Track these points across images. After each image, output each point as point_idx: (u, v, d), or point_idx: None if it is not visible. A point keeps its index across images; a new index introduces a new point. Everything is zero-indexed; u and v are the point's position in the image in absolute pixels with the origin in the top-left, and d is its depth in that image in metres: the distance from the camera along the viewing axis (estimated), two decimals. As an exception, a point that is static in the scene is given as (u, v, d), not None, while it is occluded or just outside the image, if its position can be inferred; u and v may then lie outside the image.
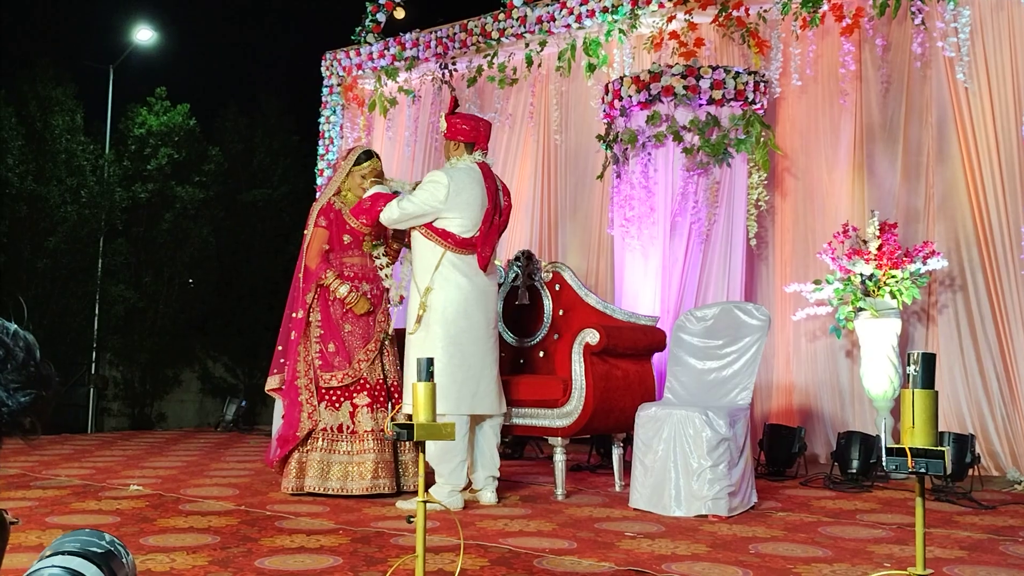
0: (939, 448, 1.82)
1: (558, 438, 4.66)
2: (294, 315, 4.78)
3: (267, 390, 4.89)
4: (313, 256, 4.76)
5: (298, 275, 4.83)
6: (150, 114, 11.94)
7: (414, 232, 4.54)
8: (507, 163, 7.89)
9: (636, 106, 6.11)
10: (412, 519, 2.58)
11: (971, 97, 5.95)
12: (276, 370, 4.82)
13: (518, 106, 7.97)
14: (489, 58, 7.82)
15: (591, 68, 7.19)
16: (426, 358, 2.62)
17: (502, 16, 7.67)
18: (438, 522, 3.87)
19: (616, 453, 5.00)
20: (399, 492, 4.59)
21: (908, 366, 1.88)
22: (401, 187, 4.87)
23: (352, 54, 8.69)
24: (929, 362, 1.86)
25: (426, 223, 4.44)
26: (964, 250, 5.96)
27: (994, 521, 4.11)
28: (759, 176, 6.14)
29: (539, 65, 7.69)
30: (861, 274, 5.66)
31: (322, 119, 8.94)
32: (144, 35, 12.61)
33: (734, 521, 4.03)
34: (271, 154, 12.85)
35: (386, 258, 4.89)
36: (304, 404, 4.63)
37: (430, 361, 2.61)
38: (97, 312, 11.43)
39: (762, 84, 6.13)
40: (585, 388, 4.59)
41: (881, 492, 4.88)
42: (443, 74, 8.08)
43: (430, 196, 4.40)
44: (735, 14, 6.47)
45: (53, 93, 11.13)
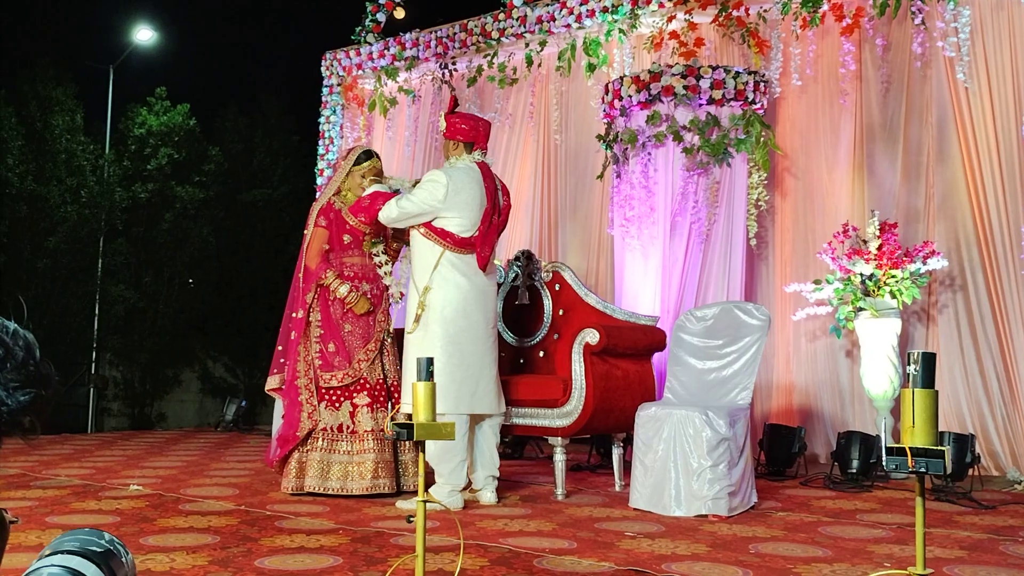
0: (939, 448, 1.82)
1: (558, 438, 4.66)
2: (294, 315, 4.78)
3: (267, 390, 4.89)
4: (313, 256, 4.76)
5: (298, 275, 4.83)
6: (150, 114, 11.95)
7: (413, 231, 4.53)
8: (507, 163, 7.89)
9: (636, 106, 6.11)
10: (412, 519, 2.58)
11: (971, 97, 5.95)
12: (276, 370, 4.82)
13: (518, 106, 7.97)
14: (489, 58, 7.82)
15: (591, 68, 7.19)
16: (426, 358, 2.62)
17: (502, 16, 7.67)
18: (438, 522, 3.87)
19: (616, 453, 5.00)
20: (399, 492, 4.59)
21: (908, 365, 1.88)
22: (400, 184, 4.88)
23: (352, 54, 8.69)
24: (929, 361, 1.86)
25: (425, 222, 4.44)
26: (964, 250, 5.96)
27: (994, 521, 4.10)
28: (759, 176, 6.14)
29: (539, 65, 7.69)
30: (861, 274, 5.66)
31: (322, 119, 8.94)
32: (144, 35, 12.62)
33: (734, 521, 4.02)
34: (271, 154, 12.85)
35: (385, 255, 4.89)
36: (304, 404, 4.63)
37: (430, 361, 2.61)
38: (97, 312, 11.44)
39: (762, 84, 6.13)
40: (585, 388, 4.59)
41: (881, 492, 4.88)
42: (443, 74, 8.08)
43: (428, 195, 4.40)
44: (735, 14, 6.47)
45: (53, 93, 11.13)
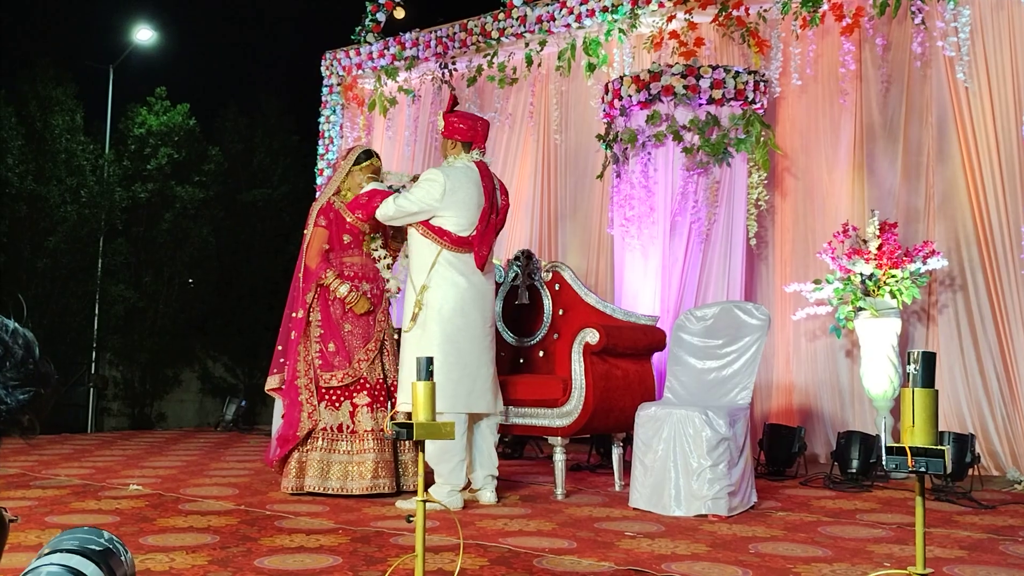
0: (939, 447, 1.82)
1: (558, 438, 4.66)
2: (294, 315, 4.78)
3: (267, 390, 4.89)
4: (313, 256, 4.76)
5: (298, 275, 4.83)
6: (150, 114, 11.95)
7: (410, 230, 4.53)
8: (507, 163, 7.89)
9: (636, 106, 6.11)
10: (412, 519, 2.57)
11: (971, 97, 5.95)
12: (276, 370, 4.82)
13: (518, 106, 7.97)
14: (489, 58, 7.82)
15: (591, 68, 7.19)
16: (426, 357, 2.62)
17: (502, 16, 7.67)
18: (438, 522, 3.86)
19: (616, 453, 4.99)
20: (399, 492, 4.59)
21: (908, 365, 1.87)
22: (400, 180, 4.89)
23: (352, 54, 8.69)
24: (929, 361, 1.85)
25: (422, 221, 4.44)
26: (964, 250, 5.96)
27: (994, 521, 4.10)
28: (759, 176, 6.14)
29: (539, 65, 7.69)
30: (861, 274, 5.66)
31: (322, 119, 8.94)
32: (144, 35, 12.63)
33: (734, 521, 4.02)
34: (271, 154, 12.85)
35: (384, 250, 4.88)
36: (304, 404, 4.63)
37: (430, 360, 2.61)
38: (97, 312, 11.44)
39: (762, 84, 6.13)
40: (585, 388, 4.59)
41: (881, 492, 4.88)
42: (443, 74, 8.08)
43: (426, 194, 4.40)
44: (735, 14, 6.46)
45: (53, 93, 11.14)
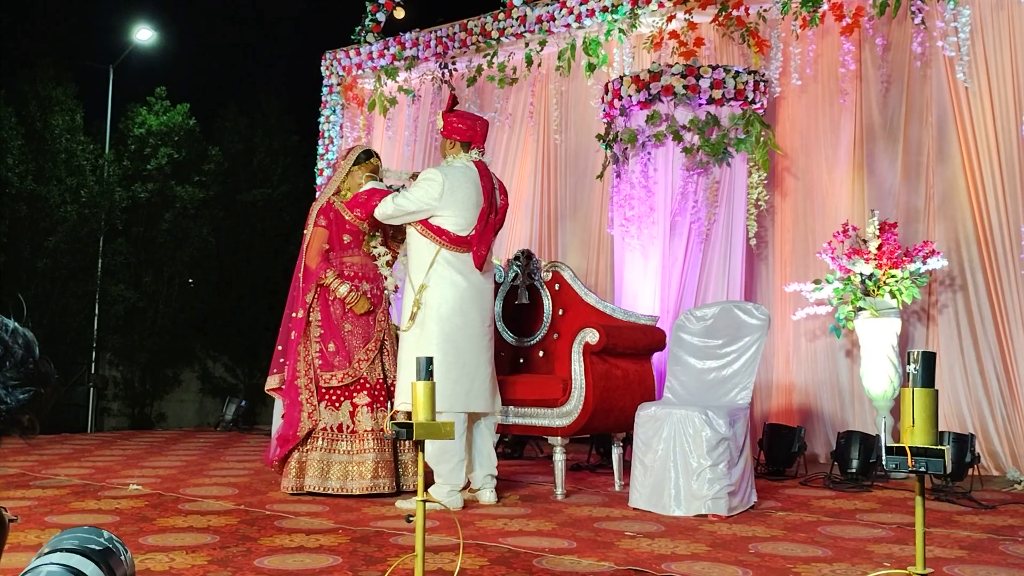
0: (939, 447, 1.82)
1: (558, 438, 4.66)
2: (294, 315, 4.78)
3: (267, 390, 4.88)
4: (313, 256, 4.76)
5: (298, 275, 4.83)
6: (150, 114, 11.95)
7: (409, 229, 4.53)
8: (507, 163, 7.89)
9: (636, 106, 6.11)
10: (411, 518, 2.57)
11: (971, 97, 5.95)
12: (276, 370, 4.82)
13: (518, 106, 7.97)
14: (489, 58, 7.82)
15: (591, 68, 7.19)
16: (426, 357, 2.61)
17: (502, 16, 7.67)
18: (437, 522, 3.86)
19: (616, 453, 4.99)
20: (399, 492, 4.59)
21: (908, 365, 1.87)
22: (398, 178, 4.89)
23: (352, 54, 8.69)
24: (929, 361, 1.85)
25: (421, 220, 4.44)
26: (964, 250, 5.96)
27: (994, 521, 4.10)
28: (759, 176, 6.14)
29: (539, 65, 7.69)
30: (861, 274, 5.66)
31: (322, 119, 8.94)
32: (144, 35, 12.63)
33: (734, 521, 4.02)
34: (271, 154, 12.85)
35: (383, 247, 4.88)
36: (304, 404, 4.63)
37: (429, 360, 2.60)
38: (97, 312, 11.44)
39: (762, 84, 6.13)
40: (585, 388, 4.59)
41: (881, 492, 4.88)
42: (443, 74, 8.08)
43: (424, 193, 4.40)
44: (735, 14, 6.46)
45: (53, 93, 11.14)
